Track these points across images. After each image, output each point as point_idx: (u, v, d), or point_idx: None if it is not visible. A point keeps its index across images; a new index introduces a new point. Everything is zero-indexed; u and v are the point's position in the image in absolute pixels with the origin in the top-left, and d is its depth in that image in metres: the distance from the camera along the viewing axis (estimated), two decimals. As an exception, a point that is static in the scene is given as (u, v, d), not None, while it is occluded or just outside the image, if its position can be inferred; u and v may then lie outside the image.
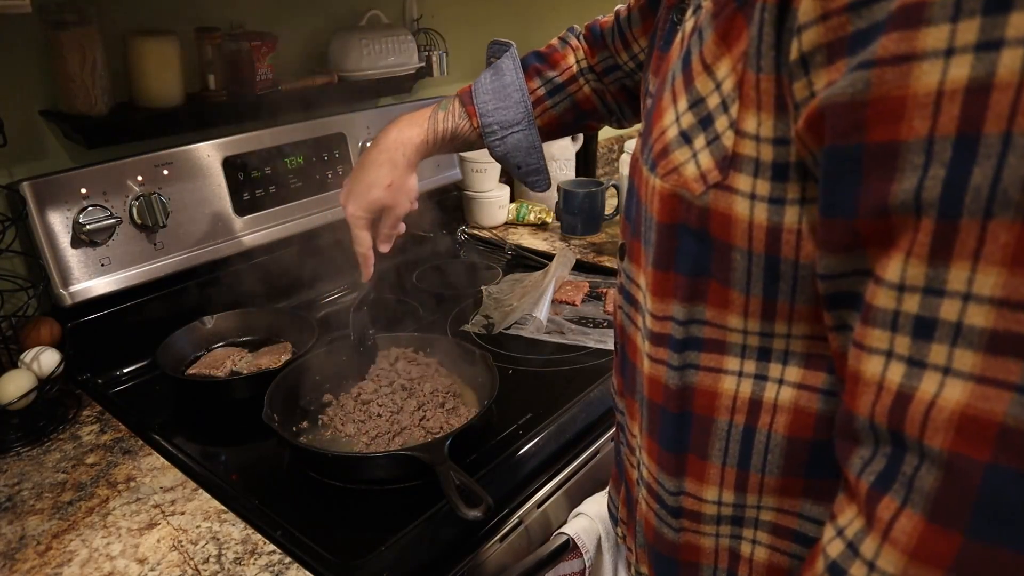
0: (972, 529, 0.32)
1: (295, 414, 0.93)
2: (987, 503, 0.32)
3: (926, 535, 0.33)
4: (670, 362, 0.51)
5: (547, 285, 1.23)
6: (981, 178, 0.31)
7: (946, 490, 0.33)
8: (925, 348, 0.34)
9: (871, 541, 0.36)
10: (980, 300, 0.32)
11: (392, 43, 1.33)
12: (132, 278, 1.05)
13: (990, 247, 0.31)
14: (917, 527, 0.34)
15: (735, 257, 0.45)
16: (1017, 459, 0.31)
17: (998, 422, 0.31)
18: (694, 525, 0.55)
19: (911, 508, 0.34)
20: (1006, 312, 0.31)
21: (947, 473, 0.33)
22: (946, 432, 0.33)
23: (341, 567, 0.70)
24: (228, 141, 1.15)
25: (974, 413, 0.32)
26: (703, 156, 0.44)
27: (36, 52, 1.00)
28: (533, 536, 0.86)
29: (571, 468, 0.91)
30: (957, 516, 0.33)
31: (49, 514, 0.77)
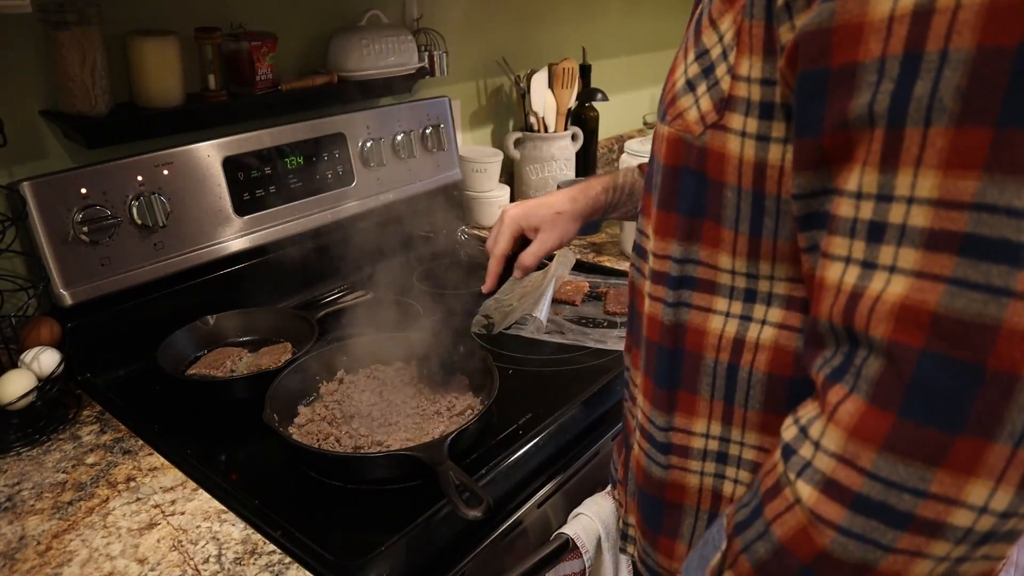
0: (904, 410, 0.35)
1: (295, 414, 0.93)
2: (919, 386, 0.35)
3: (865, 416, 0.37)
4: (666, 299, 0.56)
5: (547, 285, 1.23)
6: (923, 90, 0.35)
7: (885, 375, 0.36)
8: (876, 250, 0.37)
9: (819, 423, 0.39)
10: (920, 202, 0.35)
11: (392, 43, 1.33)
12: (132, 278, 1.05)
13: (929, 152, 0.35)
14: (859, 409, 0.37)
15: (727, 194, 0.49)
16: (947, 345, 0.34)
17: (931, 311, 0.35)
18: (681, 461, 0.58)
19: (856, 393, 0.37)
20: (941, 211, 0.35)
21: (887, 360, 0.36)
22: (887, 322, 0.36)
23: (341, 567, 0.70)
24: (228, 141, 1.15)
25: (911, 304, 0.35)
26: (704, 100, 0.49)
27: (36, 52, 1.00)
28: (533, 536, 0.86)
29: (571, 468, 0.91)
30: (892, 398, 0.36)
31: (49, 514, 0.77)
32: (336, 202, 1.31)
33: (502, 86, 1.77)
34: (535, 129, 1.69)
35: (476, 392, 0.96)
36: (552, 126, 1.69)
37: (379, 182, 1.38)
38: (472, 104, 1.72)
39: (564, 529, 0.85)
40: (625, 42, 2.17)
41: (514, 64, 1.71)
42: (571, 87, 1.69)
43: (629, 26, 2.16)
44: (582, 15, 1.97)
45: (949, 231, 0.34)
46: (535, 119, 1.68)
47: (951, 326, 0.34)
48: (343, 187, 1.32)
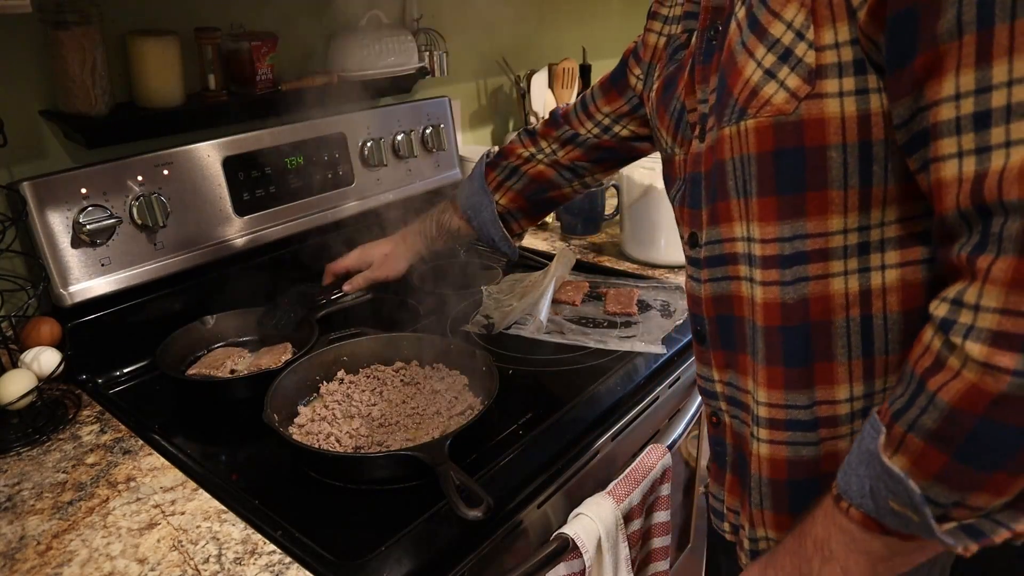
0: None
1: (295, 414, 0.93)
2: None
3: (1020, 267, 0.39)
4: (783, 280, 0.58)
5: (547, 285, 1.23)
6: None
7: None
8: (987, 135, 0.41)
9: (973, 289, 0.42)
10: (1021, 81, 0.40)
11: (392, 43, 1.33)
12: (132, 278, 1.05)
13: (1020, 39, 0.40)
14: (1011, 264, 0.40)
15: (831, 156, 0.53)
16: None
17: None
18: (831, 431, 0.59)
19: (1004, 254, 0.40)
20: None
21: None
22: (1020, 183, 0.39)
23: (341, 567, 0.70)
24: (228, 141, 1.15)
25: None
26: (790, 80, 0.53)
27: (36, 52, 1.00)
28: (533, 536, 0.86)
29: (571, 468, 0.91)
30: None
31: (49, 514, 0.77)
32: (336, 202, 1.31)
33: (502, 86, 1.77)
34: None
35: (476, 392, 0.96)
36: (552, 126, 1.69)
37: (379, 182, 1.38)
38: (472, 104, 1.72)
39: (564, 529, 0.84)
40: (625, 42, 2.15)
41: (514, 64, 1.71)
42: (571, 87, 1.69)
43: (629, 26, 2.16)
44: (582, 15, 1.97)
45: None
46: (535, 119, 1.68)
47: None
48: (343, 187, 1.32)
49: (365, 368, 1.02)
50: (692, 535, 1.38)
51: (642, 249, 1.42)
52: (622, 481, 0.92)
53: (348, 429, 0.89)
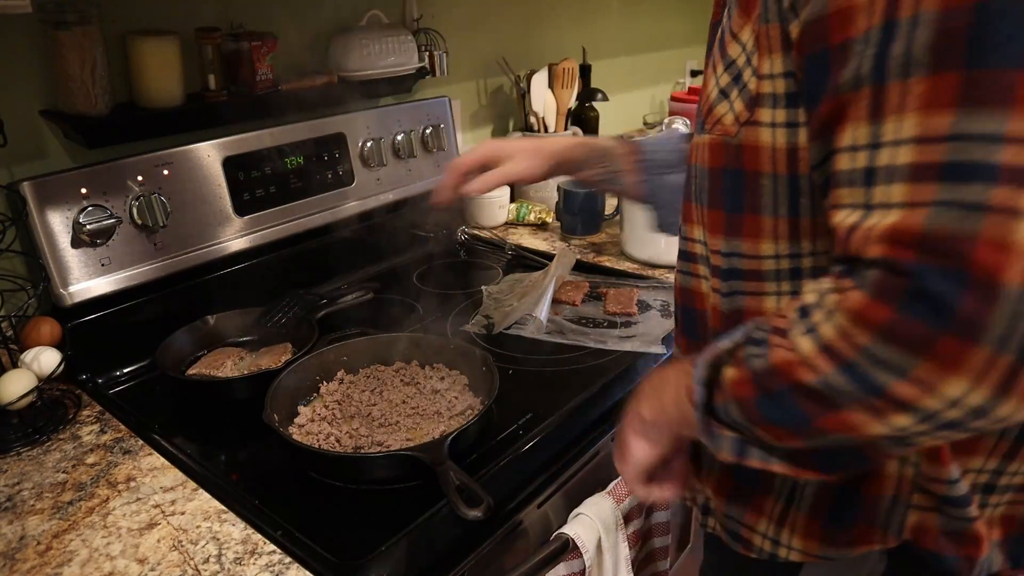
0: (900, 307, 0.40)
1: (295, 414, 0.93)
2: (913, 289, 0.40)
3: (868, 306, 0.41)
4: (722, 290, 0.61)
5: (547, 285, 1.23)
6: (899, 49, 0.41)
7: (885, 279, 0.41)
8: (871, 192, 0.43)
9: (833, 299, 0.44)
10: (905, 142, 0.41)
11: (392, 43, 1.33)
12: (132, 278, 1.05)
13: (909, 99, 0.41)
14: (862, 300, 0.42)
15: (764, 183, 0.55)
16: (933, 258, 0.39)
17: (919, 231, 0.40)
18: None
19: (861, 289, 0.42)
20: (923, 147, 0.40)
21: (885, 269, 0.41)
22: (881, 244, 0.41)
23: (341, 567, 0.70)
24: (228, 141, 1.15)
25: (901, 227, 0.40)
26: (737, 103, 0.55)
27: (36, 52, 1.00)
28: (533, 536, 0.86)
29: (571, 468, 0.91)
30: (891, 297, 0.41)
31: (49, 514, 0.77)
32: (336, 202, 1.31)
33: (502, 86, 1.77)
34: (535, 129, 1.69)
35: (476, 392, 0.96)
36: (552, 126, 1.69)
37: (379, 182, 1.38)
38: (472, 104, 1.72)
39: (564, 529, 0.85)
40: (625, 42, 2.17)
41: (514, 64, 1.71)
42: (571, 87, 1.69)
43: (629, 26, 2.16)
44: (582, 15, 1.97)
45: (929, 162, 0.40)
46: (535, 119, 1.68)
47: (936, 242, 0.39)
48: (343, 187, 1.32)
49: (365, 368, 1.02)
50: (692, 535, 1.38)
51: (642, 249, 1.42)
52: (622, 481, 0.92)
53: (348, 429, 0.89)
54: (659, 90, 2.39)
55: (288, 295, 1.16)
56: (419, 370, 1.02)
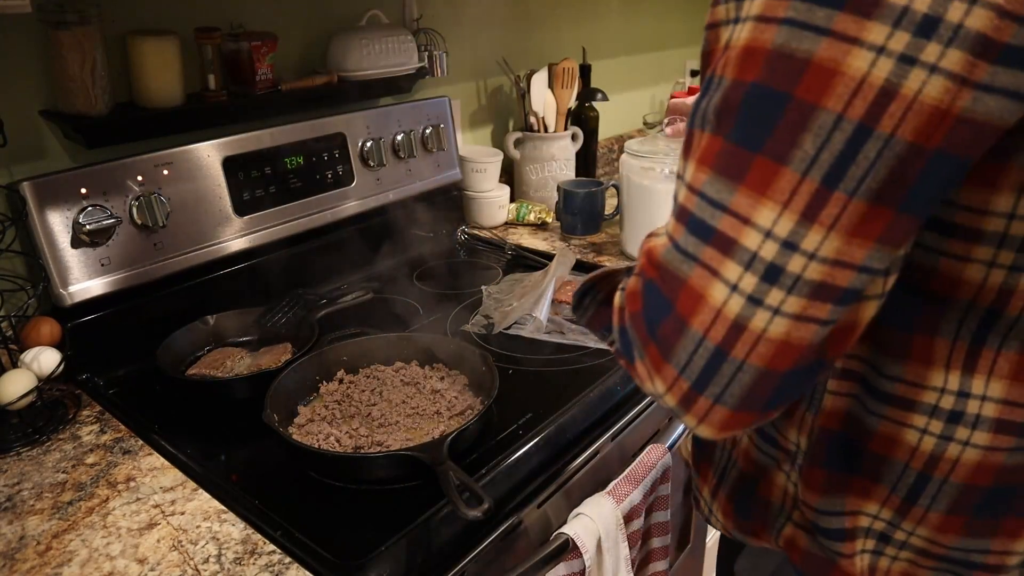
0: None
1: (295, 414, 0.93)
2: (646, 301, 0.47)
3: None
4: None
5: (547, 285, 1.23)
6: (707, 102, 0.45)
7: (636, 283, 0.50)
8: (670, 224, 0.47)
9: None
10: (684, 184, 0.46)
11: (392, 43, 1.33)
12: (132, 278, 1.05)
13: (694, 148, 0.46)
14: (630, 289, 0.49)
15: None
16: (663, 282, 0.46)
17: (659, 259, 0.47)
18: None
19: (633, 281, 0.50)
20: (686, 192, 0.46)
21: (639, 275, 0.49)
22: (642, 256, 0.49)
23: (341, 567, 0.70)
24: (228, 141, 1.15)
25: (654, 250, 0.47)
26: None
27: (36, 52, 1.00)
28: (533, 536, 0.86)
29: (571, 468, 0.91)
30: (637, 299, 0.48)
31: (49, 514, 0.77)
32: (336, 202, 1.31)
33: (502, 86, 1.77)
34: (535, 129, 1.69)
35: (476, 392, 0.96)
36: (552, 126, 1.69)
37: (379, 182, 1.38)
38: (472, 104, 1.72)
39: (564, 529, 0.85)
40: (625, 42, 2.17)
41: (514, 64, 1.71)
42: (571, 87, 1.69)
43: (629, 26, 2.16)
44: (582, 15, 1.97)
45: (683, 207, 0.46)
46: (535, 119, 1.68)
47: (664, 271, 0.46)
48: (343, 187, 1.32)
49: (365, 368, 1.02)
50: (692, 535, 1.38)
51: (642, 249, 1.42)
52: (622, 481, 0.92)
53: (348, 429, 0.89)
54: (659, 90, 2.39)
55: (288, 295, 1.16)
56: (419, 370, 1.02)
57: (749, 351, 0.42)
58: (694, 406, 0.45)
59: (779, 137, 0.40)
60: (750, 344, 0.42)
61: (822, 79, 0.39)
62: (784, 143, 0.40)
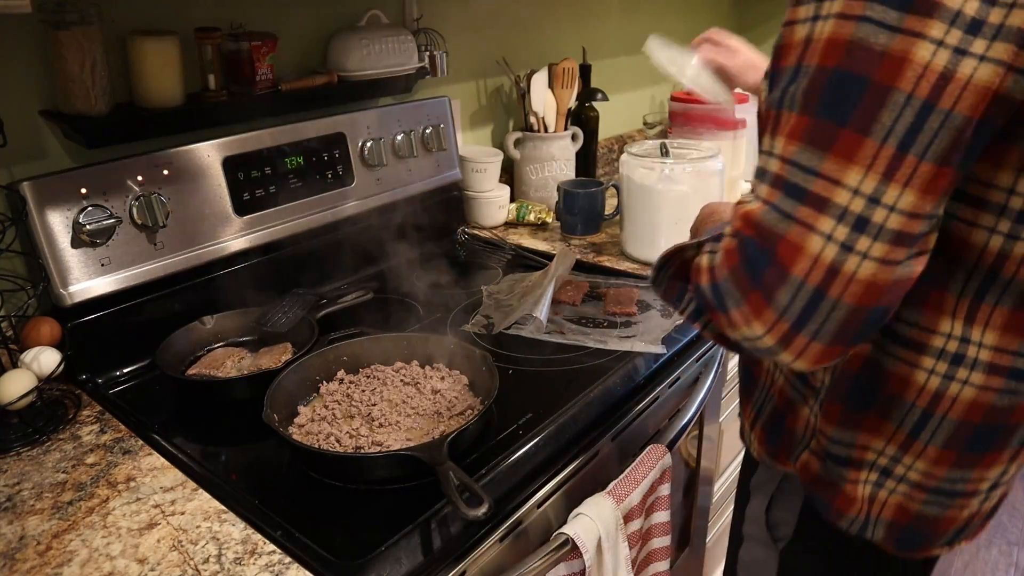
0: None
1: (295, 414, 0.93)
2: (747, 256, 0.55)
3: (796, 124, 0.53)
4: None
5: (547, 285, 1.23)
6: (794, 88, 0.53)
7: (736, 241, 0.56)
8: (758, 187, 0.55)
9: (723, 239, 0.58)
10: (775, 156, 0.54)
11: (392, 43, 1.33)
12: (132, 278, 1.05)
13: (784, 126, 0.54)
14: (728, 247, 0.56)
15: None
16: (761, 240, 0.53)
17: (757, 219, 0.54)
18: None
19: (731, 240, 0.57)
20: (779, 162, 0.53)
21: (737, 235, 0.56)
22: (739, 220, 0.55)
23: (341, 567, 0.70)
24: (228, 141, 1.15)
25: (751, 213, 0.54)
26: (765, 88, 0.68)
27: (36, 52, 1.00)
28: (533, 536, 0.86)
29: (571, 468, 0.91)
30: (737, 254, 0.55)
31: (49, 514, 0.77)
32: (336, 202, 1.31)
33: (502, 86, 1.77)
34: (535, 129, 1.69)
35: (476, 392, 0.97)
36: (552, 126, 1.69)
37: (379, 182, 1.38)
38: (472, 104, 1.72)
39: (564, 529, 0.85)
40: (625, 42, 2.17)
41: (514, 64, 1.71)
42: (571, 87, 1.69)
43: (629, 26, 2.16)
44: (582, 15, 1.97)
45: (778, 175, 0.53)
46: (535, 119, 1.68)
47: (763, 230, 0.53)
48: (343, 187, 1.32)
49: (365, 368, 1.02)
50: (692, 535, 1.38)
51: (642, 249, 1.42)
52: (622, 481, 0.92)
53: (348, 429, 0.89)
54: (659, 90, 2.39)
55: (288, 295, 1.16)
56: (419, 370, 1.02)
57: (843, 291, 0.51)
58: (792, 344, 0.54)
59: (861, 113, 0.49)
60: (843, 285, 0.51)
61: (895, 66, 0.48)
62: (865, 118, 0.49)
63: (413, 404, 0.94)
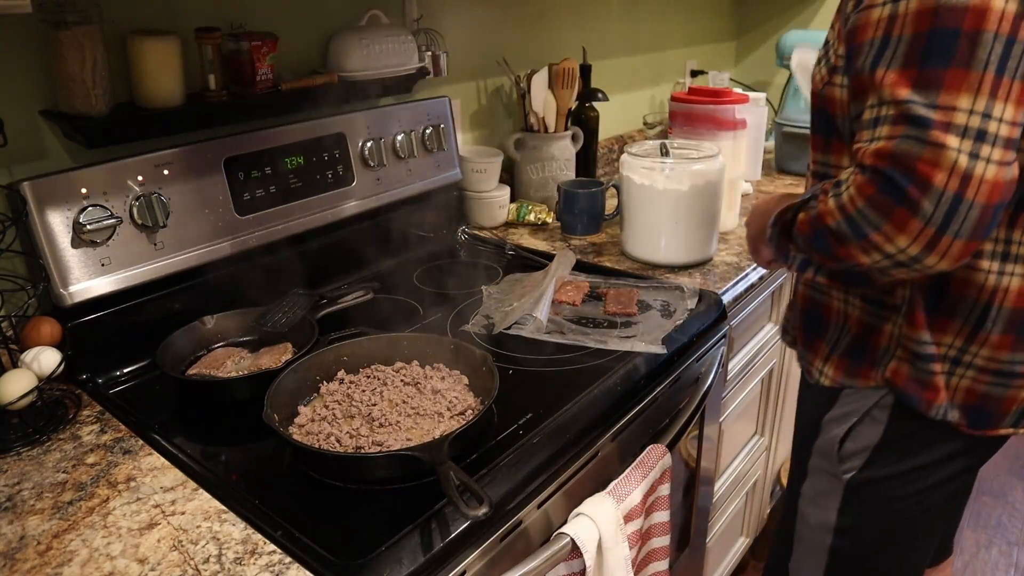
0: (920, 62, 0.68)
1: (295, 414, 0.93)
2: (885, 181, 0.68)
3: (861, 184, 0.70)
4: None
5: (547, 285, 1.23)
6: (890, 52, 0.70)
7: (872, 173, 0.70)
8: (874, 131, 0.70)
9: (850, 179, 0.73)
10: (890, 104, 0.69)
11: (392, 43, 1.34)
12: (132, 278, 1.05)
13: (891, 80, 0.69)
14: (860, 179, 0.70)
15: (838, 121, 0.86)
16: (898, 165, 0.67)
17: (892, 150, 0.67)
18: None
19: (861, 173, 0.71)
20: (897, 106, 0.68)
21: (873, 168, 0.69)
22: (873, 156, 0.69)
23: (341, 567, 0.70)
24: (228, 141, 1.15)
25: (884, 148, 0.68)
26: (823, 70, 0.87)
27: (36, 52, 1.00)
28: (533, 536, 0.86)
29: (571, 468, 0.91)
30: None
31: (49, 514, 0.77)
32: (336, 202, 1.31)
33: (502, 86, 1.77)
34: (535, 129, 1.69)
35: (476, 392, 0.97)
36: (552, 126, 1.69)
37: (379, 182, 1.38)
38: (472, 104, 1.72)
39: (564, 529, 0.85)
40: (625, 42, 2.17)
41: (514, 64, 1.71)
42: (571, 87, 1.69)
43: (629, 26, 2.16)
44: (582, 15, 1.97)
45: (899, 114, 0.68)
46: (535, 119, 1.68)
47: (899, 156, 0.67)
48: (343, 187, 1.32)
49: (365, 368, 1.02)
50: (692, 535, 1.38)
51: (642, 249, 1.42)
52: (622, 481, 0.92)
53: (348, 429, 0.89)
54: (659, 90, 2.39)
55: (288, 295, 1.16)
56: (419, 370, 1.02)
57: (976, 192, 0.64)
58: (938, 246, 0.66)
59: (960, 55, 0.65)
60: (976, 187, 0.64)
61: (978, 15, 0.65)
62: (964, 56, 0.65)
63: (413, 404, 0.94)
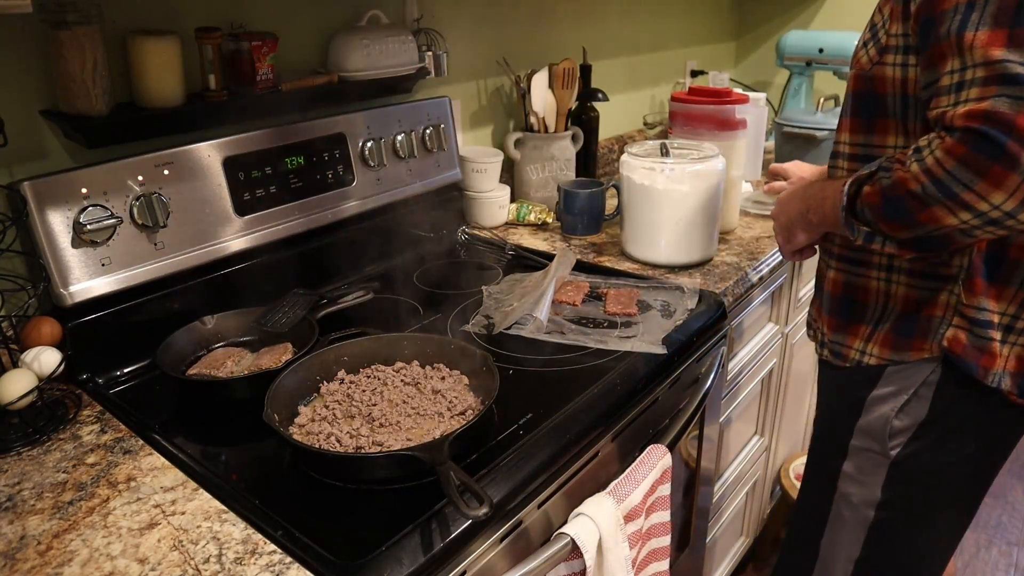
0: (973, 147, 0.71)
1: (295, 414, 0.93)
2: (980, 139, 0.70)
3: (949, 147, 0.73)
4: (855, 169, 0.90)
5: (547, 285, 1.23)
6: (976, 16, 0.73)
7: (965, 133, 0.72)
8: (959, 95, 0.73)
9: (936, 142, 0.75)
10: (979, 65, 0.72)
11: (392, 43, 1.34)
12: (132, 278, 1.05)
13: (980, 43, 0.72)
14: (951, 142, 0.72)
15: (888, 100, 0.89)
16: (994, 124, 0.69)
17: (985, 110, 0.70)
18: None
19: (950, 136, 0.73)
20: (988, 67, 0.71)
21: (965, 128, 0.71)
22: (965, 117, 0.71)
23: (341, 567, 0.70)
24: (228, 141, 1.15)
25: (977, 109, 0.70)
26: (871, 50, 0.90)
27: (36, 52, 1.00)
28: (533, 536, 0.86)
29: (571, 468, 0.91)
30: (967, 141, 0.71)
31: (49, 514, 0.78)
32: (336, 202, 1.31)
33: (502, 86, 1.77)
34: (535, 129, 1.69)
35: (476, 392, 0.97)
36: (552, 126, 1.69)
37: (379, 182, 1.38)
38: (472, 104, 1.72)
39: (564, 529, 0.85)
40: (625, 42, 2.17)
41: (514, 64, 1.71)
42: (571, 87, 1.69)
43: (629, 26, 2.16)
44: (582, 15, 1.97)
45: (991, 75, 0.71)
46: (535, 119, 1.68)
47: (995, 115, 0.69)
48: (343, 187, 1.32)
49: (365, 368, 1.02)
50: (692, 535, 1.38)
51: (642, 249, 1.42)
52: (622, 481, 0.92)
53: (348, 429, 0.89)
54: (659, 90, 2.39)
55: (288, 295, 1.16)
56: (419, 370, 1.02)
57: None
58: None
59: None
60: None
61: None
62: None
63: (413, 404, 0.94)
